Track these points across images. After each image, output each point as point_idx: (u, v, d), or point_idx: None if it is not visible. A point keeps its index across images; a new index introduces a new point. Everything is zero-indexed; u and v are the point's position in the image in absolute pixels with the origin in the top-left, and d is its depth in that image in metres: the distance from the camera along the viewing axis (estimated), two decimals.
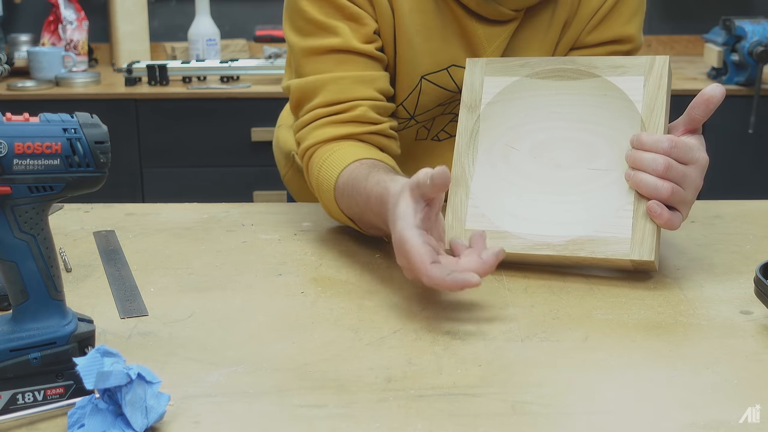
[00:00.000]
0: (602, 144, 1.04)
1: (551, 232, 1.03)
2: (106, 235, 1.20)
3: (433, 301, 0.98)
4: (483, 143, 1.08)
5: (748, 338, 0.89)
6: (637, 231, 1.00)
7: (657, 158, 0.98)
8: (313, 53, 1.17)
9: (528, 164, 1.07)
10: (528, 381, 0.80)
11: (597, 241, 1.01)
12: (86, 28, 3.16)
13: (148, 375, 0.71)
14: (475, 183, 1.07)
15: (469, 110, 1.10)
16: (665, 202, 0.98)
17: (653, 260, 0.99)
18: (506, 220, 1.05)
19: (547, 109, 1.08)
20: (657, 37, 3.33)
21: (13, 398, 0.73)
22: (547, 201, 1.05)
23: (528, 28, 1.21)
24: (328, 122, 1.16)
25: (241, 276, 1.06)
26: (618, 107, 1.04)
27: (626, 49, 1.23)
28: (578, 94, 1.06)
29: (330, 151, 1.14)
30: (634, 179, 1.00)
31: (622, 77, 1.04)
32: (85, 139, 0.74)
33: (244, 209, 1.31)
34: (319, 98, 1.16)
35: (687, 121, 1.01)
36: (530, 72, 1.08)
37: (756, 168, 2.83)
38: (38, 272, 0.74)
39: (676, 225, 0.99)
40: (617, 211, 1.01)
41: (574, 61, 1.07)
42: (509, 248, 1.03)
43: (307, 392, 0.78)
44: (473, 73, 1.11)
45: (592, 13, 1.21)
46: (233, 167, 2.86)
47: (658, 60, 1.04)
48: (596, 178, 1.04)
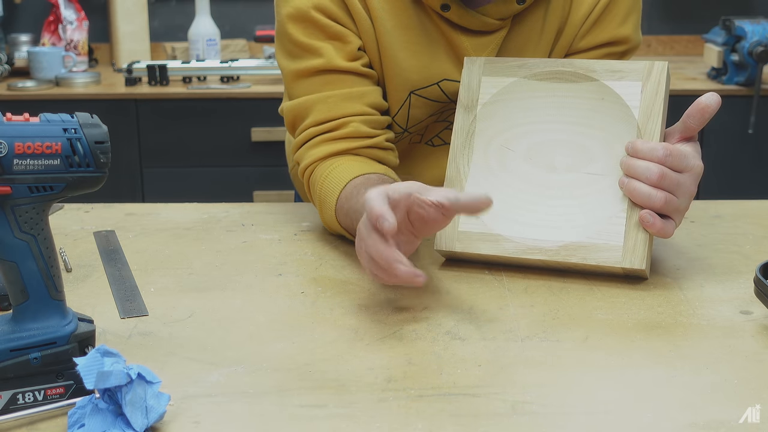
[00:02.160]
0: (598, 148, 1.04)
1: (544, 236, 1.02)
2: (106, 235, 1.20)
3: (433, 301, 0.98)
4: (479, 144, 1.08)
5: (748, 338, 0.89)
6: (629, 239, 0.99)
7: (651, 167, 0.98)
8: (301, 75, 1.19)
9: (523, 166, 1.07)
10: (528, 381, 0.80)
11: (589, 247, 1.01)
12: (86, 28, 3.15)
13: (148, 375, 0.71)
14: (470, 184, 1.07)
15: (465, 110, 1.09)
16: (658, 212, 0.98)
17: (644, 269, 0.99)
18: (499, 223, 1.04)
19: (544, 111, 1.07)
20: (657, 37, 3.33)
21: (13, 398, 0.73)
22: (542, 204, 1.04)
23: (518, 37, 1.20)
24: (322, 140, 1.18)
25: (241, 276, 1.06)
26: (615, 112, 1.04)
27: (622, 50, 1.22)
28: (575, 97, 1.06)
29: (330, 168, 1.15)
30: (628, 187, 0.99)
31: (619, 82, 1.04)
32: (85, 139, 0.74)
33: (244, 209, 1.31)
34: (311, 118, 1.18)
35: (682, 129, 1.01)
36: (528, 73, 1.08)
37: (756, 168, 2.83)
38: (38, 272, 0.74)
39: (669, 233, 0.99)
40: (610, 218, 1.01)
41: (572, 64, 1.07)
42: (502, 252, 1.03)
43: (307, 392, 0.78)
44: (471, 72, 1.10)
45: (584, 17, 1.20)
46: (233, 167, 2.86)
47: (657, 66, 1.03)
48: (591, 183, 1.03)
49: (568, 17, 1.20)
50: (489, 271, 1.06)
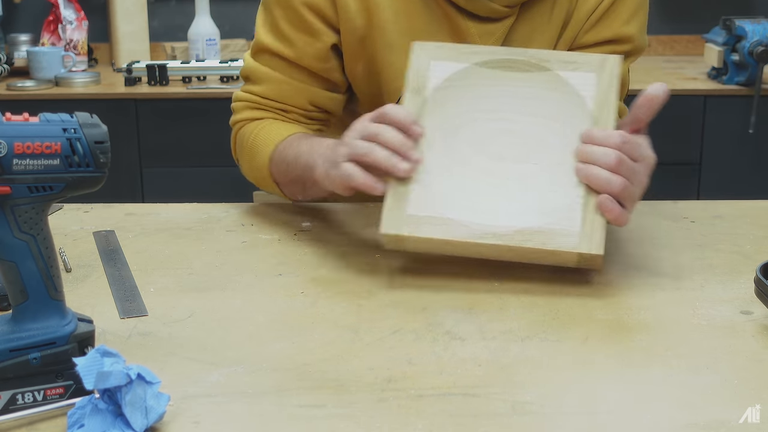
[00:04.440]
0: (550, 138, 1.03)
1: (498, 222, 0.99)
2: (106, 235, 1.20)
3: (433, 301, 0.98)
4: (429, 128, 1.04)
5: (748, 338, 0.89)
6: (586, 224, 0.98)
7: (609, 152, 0.97)
8: (270, 51, 1.26)
9: (472, 154, 1.04)
10: (528, 381, 0.80)
11: (546, 232, 0.98)
12: (86, 28, 3.15)
13: (148, 375, 0.71)
14: (421, 169, 1.02)
15: (414, 93, 1.05)
16: (616, 197, 0.98)
17: (601, 254, 0.97)
18: (451, 208, 1.01)
19: (496, 100, 1.05)
20: (657, 37, 3.33)
21: (13, 398, 0.73)
22: (493, 192, 1.02)
23: (525, 26, 1.21)
24: (263, 110, 1.29)
25: (241, 276, 1.06)
26: (567, 102, 1.03)
27: (626, 50, 1.22)
28: (528, 86, 1.05)
29: (267, 123, 1.27)
30: (585, 173, 0.98)
31: (573, 72, 1.03)
32: (85, 139, 0.74)
33: (244, 209, 1.31)
34: (261, 88, 1.28)
35: (632, 121, 1.01)
36: (480, 60, 1.06)
37: (756, 168, 2.83)
38: (38, 272, 0.74)
39: (625, 221, 0.98)
40: (566, 204, 0.99)
41: (525, 53, 1.06)
42: (453, 236, 0.99)
43: (307, 392, 0.78)
44: (419, 57, 1.07)
45: (590, 11, 1.20)
46: (233, 167, 2.82)
47: (611, 59, 1.03)
48: (542, 172, 1.01)
49: (575, 9, 1.21)
50: (489, 270, 1.05)
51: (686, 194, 2.76)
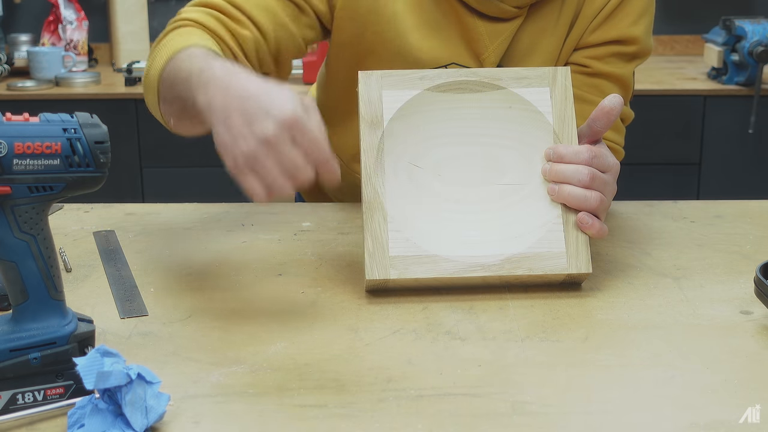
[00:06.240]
0: (511, 158, 1.02)
1: (483, 251, 0.98)
2: (106, 235, 1.20)
3: (433, 301, 0.98)
4: (389, 162, 1.00)
5: (748, 338, 0.89)
6: (570, 244, 0.98)
7: (581, 169, 0.98)
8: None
9: (433, 183, 1.01)
10: (528, 381, 0.80)
11: (532, 257, 0.98)
12: (86, 28, 3.16)
13: (148, 375, 0.71)
14: (390, 205, 0.99)
15: (370, 126, 1.01)
16: (593, 212, 0.98)
17: (590, 272, 0.98)
18: (433, 243, 0.98)
19: (450, 124, 1.03)
20: (657, 37, 3.33)
21: (13, 398, 0.73)
22: (470, 221, 1.00)
23: (534, 26, 1.21)
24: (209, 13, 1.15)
25: (241, 276, 1.06)
26: (526, 119, 1.02)
27: (631, 51, 1.22)
28: (482, 107, 1.03)
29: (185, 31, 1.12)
30: (560, 193, 0.99)
31: (527, 89, 1.02)
32: (85, 139, 0.74)
33: (244, 209, 1.31)
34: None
35: (589, 133, 1.01)
36: (430, 85, 1.03)
37: (756, 168, 2.83)
38: (38, 272, 0.74)
39: (605, 233, 0.99)
40: (546, 225, 0.99)
41: (476, 73, 1.03)
42: (441, 273, 0.97)
43: (307, 392, 0.78)
44: (369, 86, 1.02)
45: (597, 11, 1.21)
46: None
47: (560, 71, 1.03)
48: (509, 194, 1.01)
49: (582, 9, 1.21)
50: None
51: (686, 194, 2.77)
